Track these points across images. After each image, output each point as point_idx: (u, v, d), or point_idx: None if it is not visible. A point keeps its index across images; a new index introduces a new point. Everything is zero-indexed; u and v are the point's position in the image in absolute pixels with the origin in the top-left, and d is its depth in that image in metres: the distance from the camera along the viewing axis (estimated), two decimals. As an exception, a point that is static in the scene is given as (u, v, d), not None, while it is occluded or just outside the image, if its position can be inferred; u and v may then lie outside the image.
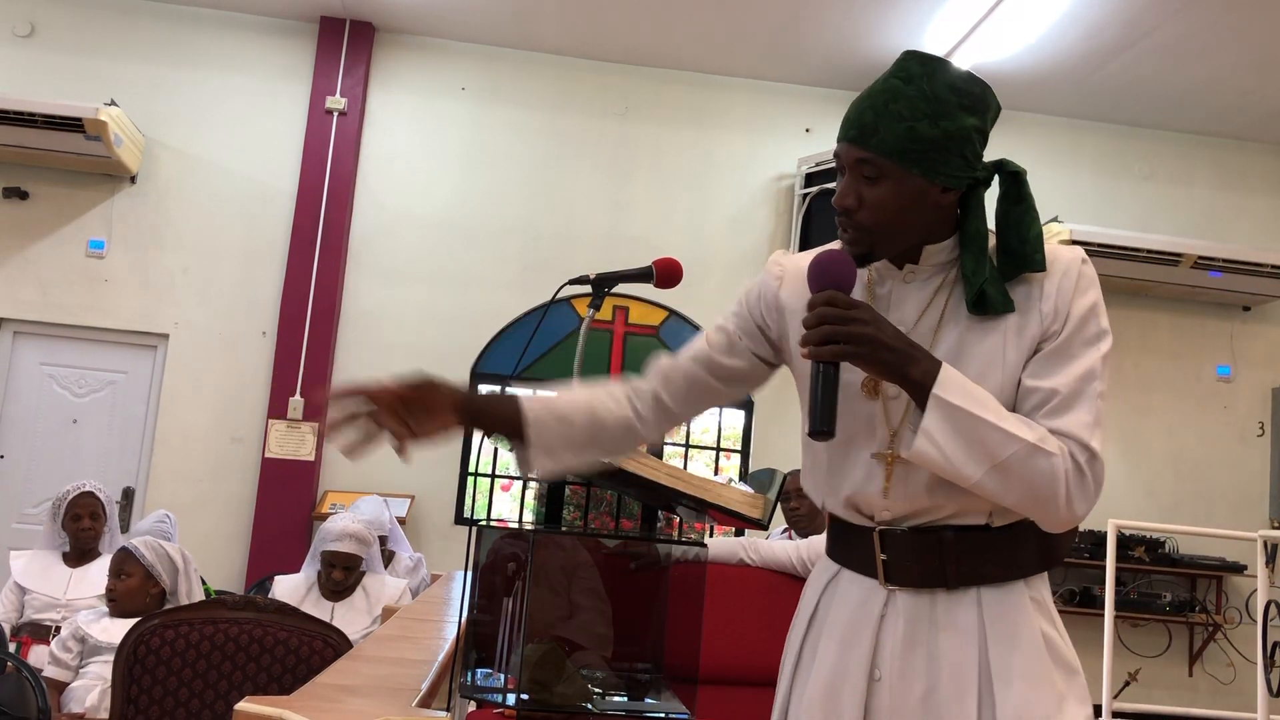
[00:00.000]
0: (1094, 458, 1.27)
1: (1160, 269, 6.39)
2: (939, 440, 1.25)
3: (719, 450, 6.64)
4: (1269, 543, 4.58)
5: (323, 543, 3.63)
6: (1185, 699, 6.35)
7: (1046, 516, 1.29)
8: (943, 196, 1.35)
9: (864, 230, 1.35)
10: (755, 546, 3.33)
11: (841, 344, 1.26)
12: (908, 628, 1.34)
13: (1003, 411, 1.27)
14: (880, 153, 1.32)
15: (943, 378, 1.26)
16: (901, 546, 1.36)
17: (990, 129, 1.40)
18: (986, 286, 1.33)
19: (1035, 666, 1.31)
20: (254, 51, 6.46)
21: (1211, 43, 5.81)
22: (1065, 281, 1.33)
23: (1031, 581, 1.37)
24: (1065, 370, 1.30)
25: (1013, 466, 1.25)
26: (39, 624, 3.63)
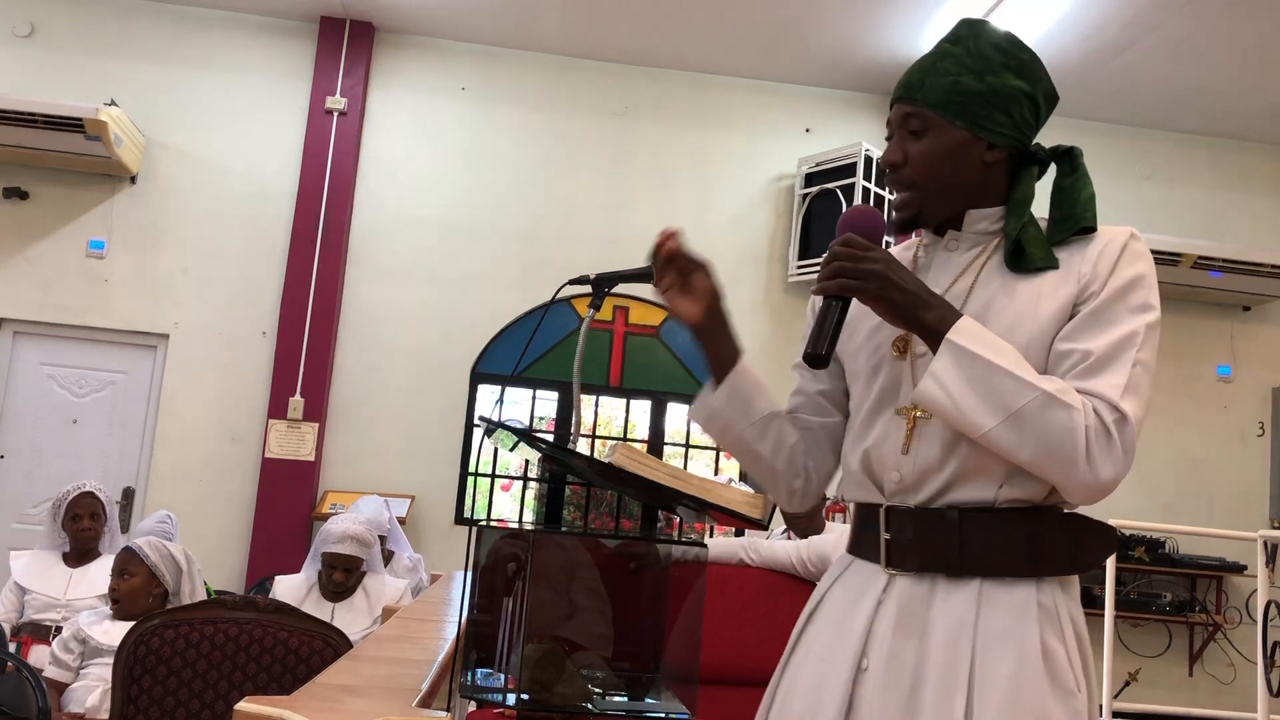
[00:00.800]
0: (1124, 420, 1.19)
1: (1160, 269, 6.32)
2: (948, 385, 1.20)
3: (719, 450, 6.64)
4: (1269, 543, 4.58)
5: (323, 544, 3.63)
6: (1185, 699, 6.35)
7: (1066, 477, 1.20)
8: (988, 154, 1.34)
9: (911, 186, 1.36)
10: (755, 546, 3.34)
11: (849, 279, 1.25)
12: (900, 616, 1.28)
13: (1022, 362, 1.21)
14: (925, 104, 1.34)
15: (961, 325, 1.23)
16: (906, 525, 1.30)
17: (1042, 103, 1.38)
18: (1027, 243, 1.30)
19: (1025, 677, 1.21)
20: (254, 51, 6.46)
21: (1211, 43, 5.81)
22: (1110, 247, 1.29)
23: (1046, 584, 1.26)
24: (1102, 334, 1.24)
25: (1027, 417, 1.18)
26: (39, 624, 3.63)
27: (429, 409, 6.29)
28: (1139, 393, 1.22)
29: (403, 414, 6.26)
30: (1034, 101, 1.36)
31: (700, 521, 3.40)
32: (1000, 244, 1.35)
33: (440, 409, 6.30)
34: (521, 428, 1.95)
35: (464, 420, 6.32)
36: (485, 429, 2.56)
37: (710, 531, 5.50)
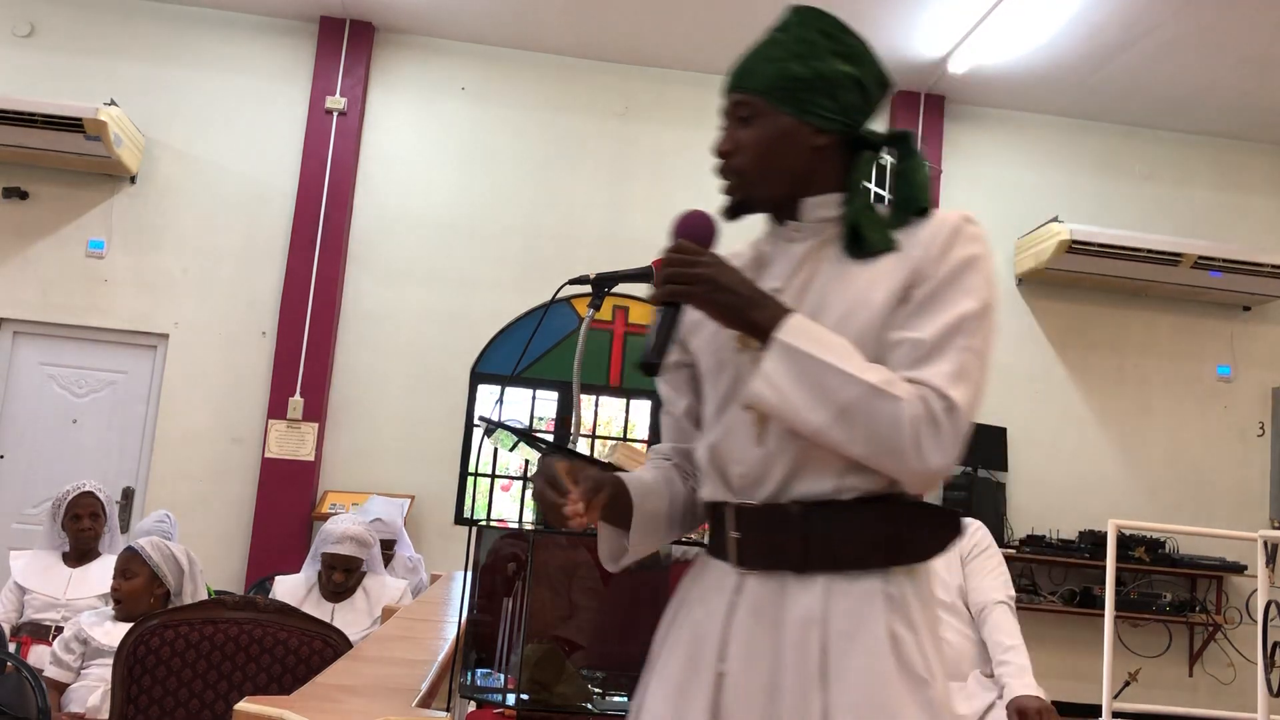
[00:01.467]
0: (952, 408, 1.18)
1: (1160, 269, 6.39)
2: (778, 384, 1.20)
3: (719, 450, 6.63)
4: (1269, 543, 4.57)
5: (323, 544, 3.63)
6: (1185, 699, 6.35)
7: (896, 468, 1.19)
8: (816, 139, 1.34)
9: (738, 175, 1.36)
10: (755, 546, 3.33)
11: (678, 285, 1.24)
12: (753, 617, 1.25)
13: (852, 356, 1.20)
14: (753, 91, 1.35)
15: (789, 323, 1.22)
16: (752, 522, 1.28)
17: (872, 88, 1.37)
18: (864, 228, 1.30)
19: (876, 669, 1.20)
20: (254, 51, 6.46)
21: (1211, 43, 5.81)
22: (943, 232, 1.28)
23: (892, 574, 1.25)
24: (932, 320, 1.23)
25: (856, 411, 1.17)
26: (39, 624, 3.63)
27: (429, 409, 6.28)
28: (970, 379, 1.21)
29: (403, 414, 6.26)
30: (862, 86, 1.36)
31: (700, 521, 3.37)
32: (840, 231, 1.34)
33: (440, 409, 6.30)
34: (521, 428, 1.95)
35: (464, 420, 6.32)
36: (485, 429, 2.56)
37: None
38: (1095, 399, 6.73)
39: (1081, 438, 6.68)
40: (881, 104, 1.41)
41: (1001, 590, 3.02)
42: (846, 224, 1.32)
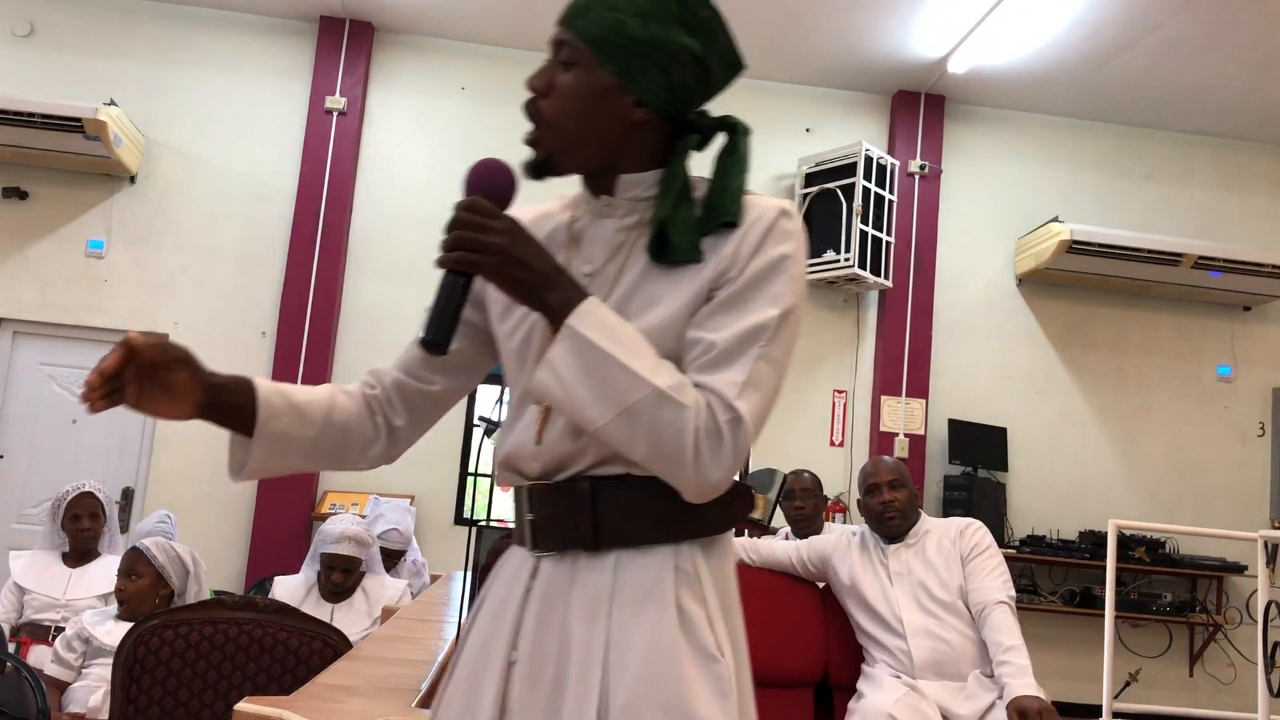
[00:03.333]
0: (737, 421, 1.11)
1: (1160, 269, 6.39)
2: (563, 374, 1.11)
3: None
4: (1269, 543, 4.58)
5: (322, 545, 3.63)
6: (1185, 699, 6.35)
7: (676, 477, 1.12)
8: (634, 111, 1.22)
9: (545, 124, 1.26)
10: (755, 546, 3.33)
11: (468, 251, 1.13)
12: (544, 601, 1.20)
13: (645, 354, 1.12)
14: (580, 36, 1.23)
15: (583, 309, 1.12)
16: (544, 502, 1.22)
17: (716, 69, 1.27)
18: (671, 232, 1.20)
19: (659, 646, 1.14)
20: (254, 51, 6.46)
21: (1211, 43, 5.81)
22: (754, 230, 1.20)
23: (685, 547, 1.19)
24: (730, 324, 1.15)
25: (640, 414, 1.09)
26: (39, 624, 3.63)
27: (429, 409, 6.27)
28: (761, 390, 1.14)
29: (403, 414, 6.25)
30: (702, 65, 1.24)
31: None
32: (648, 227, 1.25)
33: (440, 409, 6.28)
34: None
35: (464, 420, 6.32)
36: (485, 429, 2.56)
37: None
38: (1095, 399, 6.73)
39: (1081, 438, 6.68)
40: (727, 85, 1.30)
41: (1001, 590, 3.02)
42: (654, 225, 1.22)
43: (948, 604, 3.04)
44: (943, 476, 6.47)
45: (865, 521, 3.29)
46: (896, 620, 3.04)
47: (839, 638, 3.23)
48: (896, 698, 2.87)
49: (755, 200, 1.24)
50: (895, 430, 6.43)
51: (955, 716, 2.89)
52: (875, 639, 3.08)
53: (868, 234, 6.25)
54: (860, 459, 6.23)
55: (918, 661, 2.96)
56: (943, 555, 3.12)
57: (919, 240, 6.61)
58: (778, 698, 3.19)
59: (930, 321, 6.59)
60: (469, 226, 1.14)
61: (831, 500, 6.08)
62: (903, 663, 2.99)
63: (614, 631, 1.15)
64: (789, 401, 6.52)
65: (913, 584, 3.09)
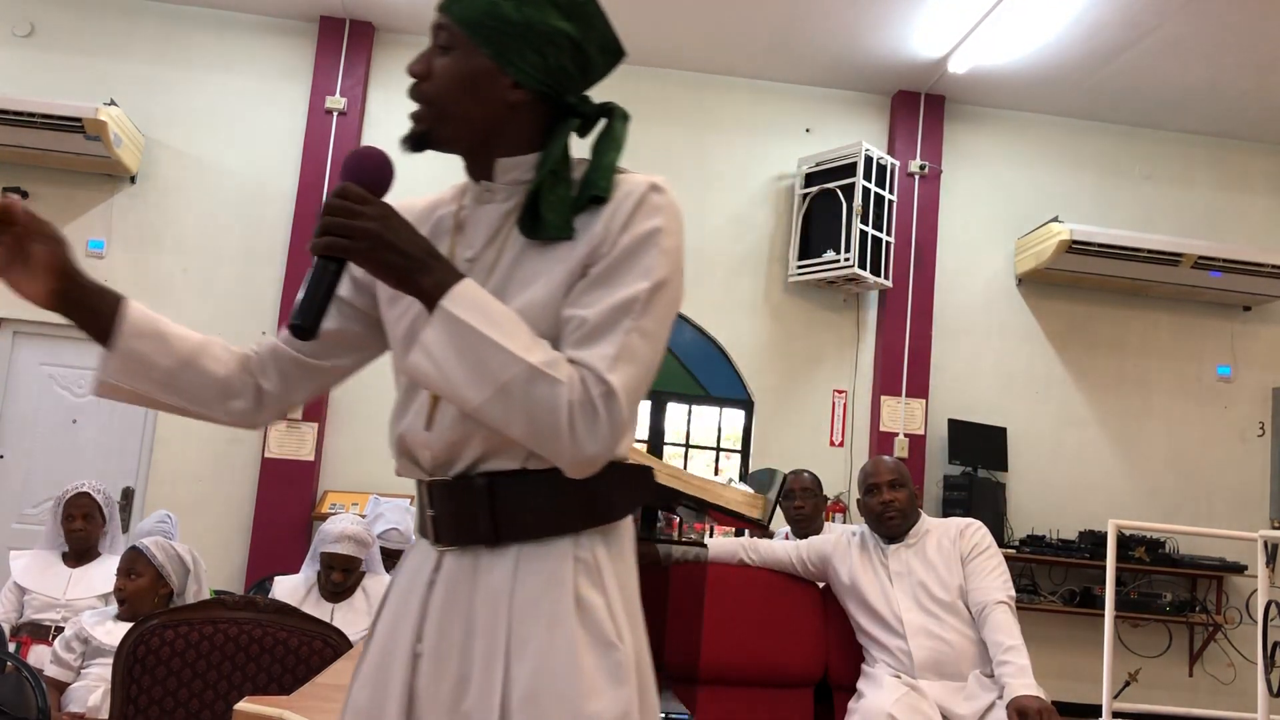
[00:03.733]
0: (610, 394, 1.12)
1: (1160, 269, 6.39)
2: (437, 356, 1.12)
3: (719, 450, 6.64)
4: (1269, 543, 4.58)
5: (322, 544, 3.63)
6: (1185, 699, 6.35)
7: (554, 453, 1.14)
8: (512, 93, 1.25)
9: (426, 103, 1.28)
10: (755, 547, 3.33)
11: (338, 236, 1.14)
12: (448, 594, 1.22)
13: (518, 333, 1.13)
14: (456, 20, 1.25)
15: (456, 291, 1.14)
16: (444, 498, 1.25)
17: (594, 54, 1.29)
18: (544, 209, 1.22)
19: (557, 636, 1.15)
20: (254, 51, 6.46)
21: (1211, 43, 5.82)
22: (624, 205, 1.21)
23: (584, 537, 1.21)
24: (601, 299, 1.17)
25: (514, 391, 1.11)
26: (38, 624, 3.62)
27: (429, 409, 6.28)
28: (635, 363, 1.15)
29: (403, 414, 6.26)
30: (579, 49, 1.27)
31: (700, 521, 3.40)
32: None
33: (440, 409, 6.29)
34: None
35: (464, 420, 6.32)
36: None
37: (710, 532, 5.50)
38: (1095, 399, 6.73)
39: (1081, 438, 6.68)
40: (607, 71, 1.32)
41: (1001, 590, 3.02)
42: (525, 202, 1.25)
43: (948, 604, 3.04)
44: (943, 476, 6.47)
45: (865, 521, 3.29)
46: (896, 620, 3.04)
47: (839, 638, 3.23)
48: (896, 698, 2.87)
49: (627, 177, 1.25)
50: (895, 430, 6.43)
51: (955, 716, 2.89)
52: (875, 639, 3.08)
53: (868, 234, 6.25)
54: (860, 459, 6.23)
55: (918, 661, 2.96)
56: (943, 555, 3.12)
57: (919, 240, 6.61)
58: (778, 698, 3.19)
59: (930, 321, 6.59)
60: (339, 212, 1.15)
61: (831, 500, 6.08)
62: (903, 663, 2.99)
63: (515, 624, 1.17)
64: (789, 401, 6.52)
65: (913, 584, 3.09)
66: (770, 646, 3.18)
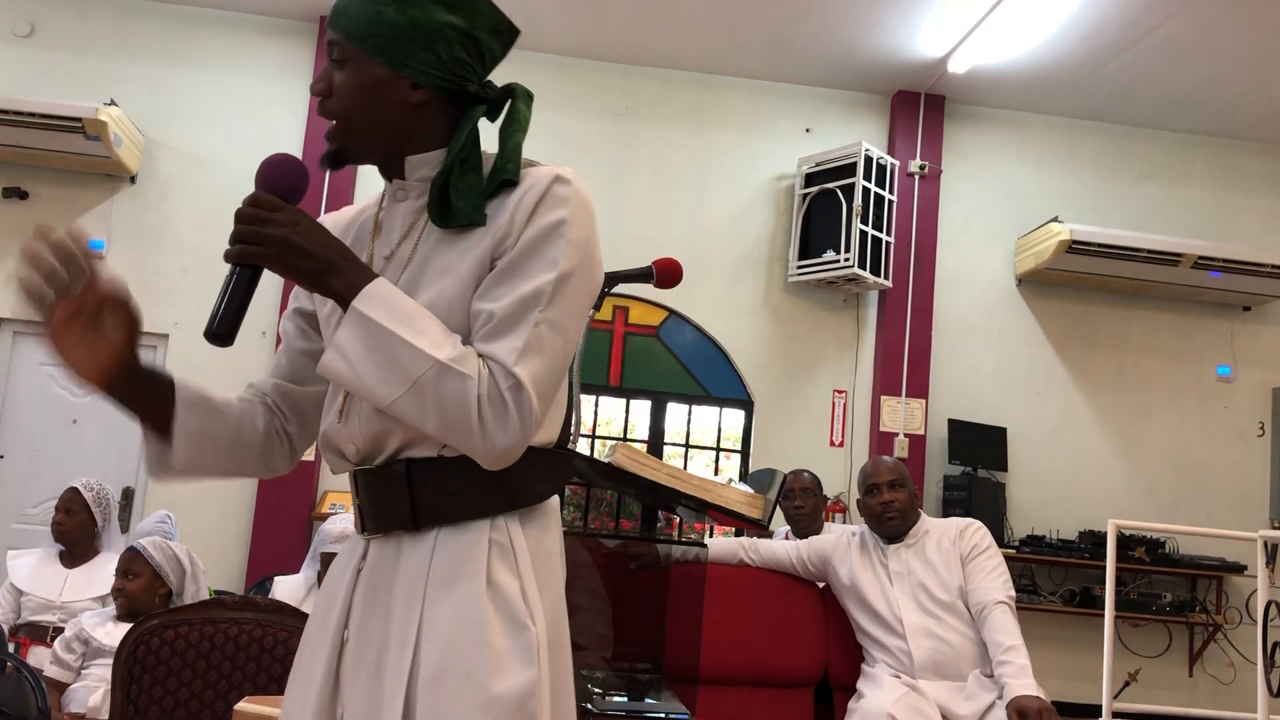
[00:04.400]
0: (519, 387, 1.13)
1: (1160, 269, 6.39)
2: (350, 355, 1.14)
3: (719, 450, 6.64)
4: (1269, 543, 4.58)
5: (322, 544, 3.63)
6: (1185, 699, 6.35)
7: (467, 447, 1.16)
8: (413, 94, 1.26)
9: (334, 119, 1.30)
10: (755, 547, 3.34)
11: (248, 244, 1.18)
12: (371, 579, 1.24)
13: (428, 330, 1.15)
14: (344, 33, 1.26)
15: (368, 291, 1.16)
16: (368, 486, 1.27)
17: (486, 39, 1.29)
18: (455, 198, 1.23)
19: (467, 617, 1.17)
20: (254, 51, 6.46)
21: (1211, 43, 5.82)
22: (530, 196, 1.21)
23: (500, 520, 1.22)
24: (508, 292, 1.18)
25: (426, 387, 1.12)
26: (37, 625, 3.63)
27: (429, 409, 6.27)
28: (542, 354, 1.16)
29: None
30: (471, 38, 1.27)
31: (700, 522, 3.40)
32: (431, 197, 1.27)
33: (440, 409, 6.29)
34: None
35: (464, 420, 6.31)
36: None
37: (710, 532, 5.50)
38: (1095, 399, 6.73)
39: (1081, 438, 6.68)
40: (505, 51, 1.33)
41: (1001, 590, 3.02)
42: (433, 191, 1.25)
43: (947, 604, 3.04)
44: (943, 476, 6.47)
45: (865, 521, 3.30)
46: (896, 620, 3.04)
47: (839, 638, 3.23)
48: (896, 698, 2.87)
49: (534, 169, 1.25)
50: (895, 430, 6.43)
51: (955, 716, 2.89)
52: (875, 639, 3.08)
53: (867, 234, 6.25)
54: (860, 459, 6.23)
55: (918, 661, 2.96)
56: (942, 555, 3.12)
57: (919, 240, 6.61)
58: (778, 698, 3.19)
59: (930, 321, 6.59)
60: (249, 220, 1.18)
61: (831, 500, 6.08)
62: (903, 663, 2.99)
63: (428, 607, 1.18)
64: (789, 401, 6.52)
65: (912, 584, 3.09)
66: (770, 646, 3.18)
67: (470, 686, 1.14)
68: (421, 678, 1.16)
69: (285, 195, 1.22)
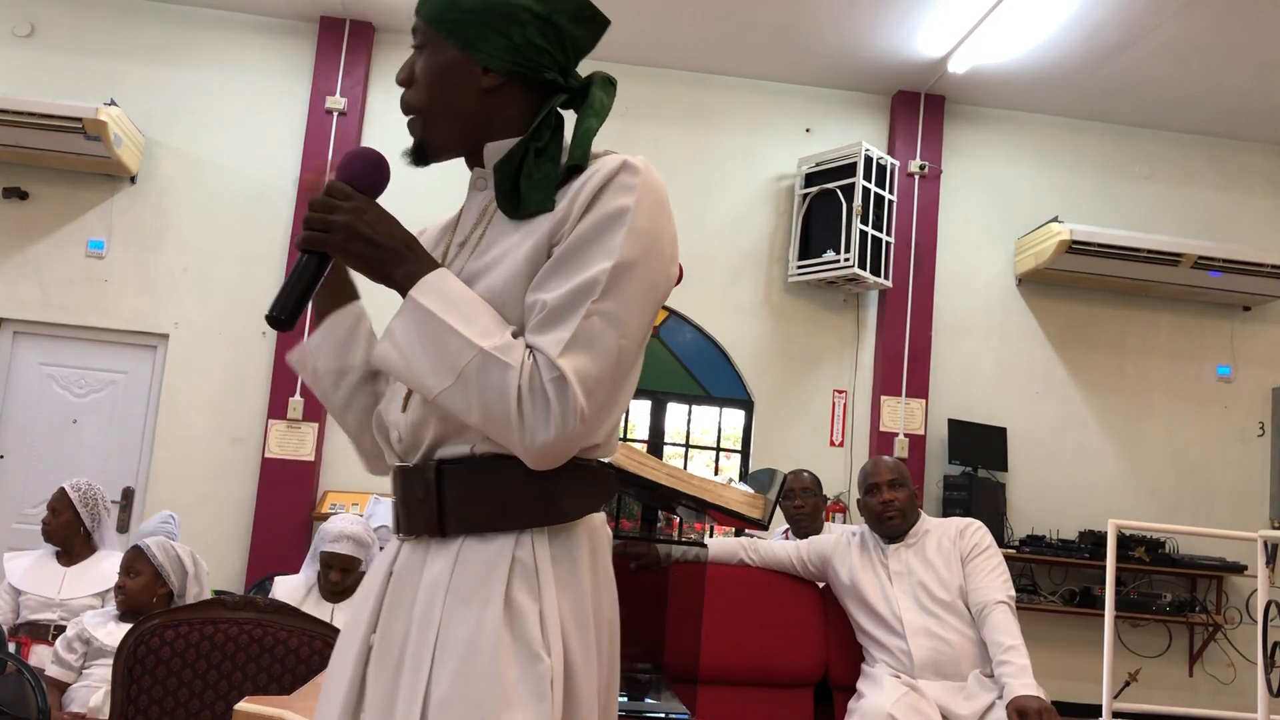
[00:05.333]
0: (562, 380, 1.07)
1: (1160, 269, 6.39)
2: (401, 343, 1.12)
3: (719, 450, 6.64)
4: (1269, 543, 4.58)
5: (321, 543, 3.63)
6: (1185, 699, 6.35)
7: (508, 441, 1.11)
8: (485, 78, 1.24)
9: (415, 110, 1.29)
10: (755, 547, 3.33)
11: (315, 231, 1.17)
12: (398, 585, 1.20)
13: (479, 318, 1.11)
14: (424, 19, 1.26)
15: (426, 281, 1.14)
16: (404, 485, 1.24)
17: (566, 25, 1.26)
18: (526, 187, 1.21)
19: (480, 641, 1.11)
20: (254, 51, 6.46)
21: (1211, 43, 5.82)
22: (592, 182, 1.17)
23: (526, 536, 1.16)
24: (562, 282, 1.12)
25: (470, 377, 1.08)
26: (36, 624, 3.63)
27: (429, 409, 6.28)
28: (593, 348, 1.10)
29: (403, 414, 6.25)
30: (548, 23, 1.24)
31: (700, 521, 3.40)
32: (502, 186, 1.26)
33: (440, 409, 6.29)
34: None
35: (464, 420, 6.31)
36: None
37: (710, 531, 5.50)
38: (1095, 399, 6.73)
39: (1081, 438, 6.68)
40: (592, 41, 1.31)
41: (1001, 590, 3.02)
42: (500, 178, 1.23)
43: (947, 604, 3.04)
44: (943, 476, 6.47)
45: (865, 521, 3.30)
46: (896, 620, 3.04)
47: (839, 638, 3.23)
48: (896, 698, 2.87)
49: (605, 157, 1.21)
50: (895, 430, 6.43)
51: (955, 716, 2.89)
52: (875, 639, 3.08)
53: (867, 234, 6.25)
54: (860, 459, 6.23)
55: (918, 661, 2.96)
56: (942, 555, 3.12)
57: (919, 240, 6.61)
58: (778, 698, 3.19)
59: (930, 321, 6.59)
60: (319, 208, 1.18)
61: (831, 500, 6.08)
62: (903, 662, 2.99)
63: (445, 620, 1.14)
64: (789, 401, 6.52)
65: (912, 584, 3.09)
66: (770, 646, 3.18)
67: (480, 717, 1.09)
68: (433, 701, 1.11)
69: (363, 187, 1.22)
